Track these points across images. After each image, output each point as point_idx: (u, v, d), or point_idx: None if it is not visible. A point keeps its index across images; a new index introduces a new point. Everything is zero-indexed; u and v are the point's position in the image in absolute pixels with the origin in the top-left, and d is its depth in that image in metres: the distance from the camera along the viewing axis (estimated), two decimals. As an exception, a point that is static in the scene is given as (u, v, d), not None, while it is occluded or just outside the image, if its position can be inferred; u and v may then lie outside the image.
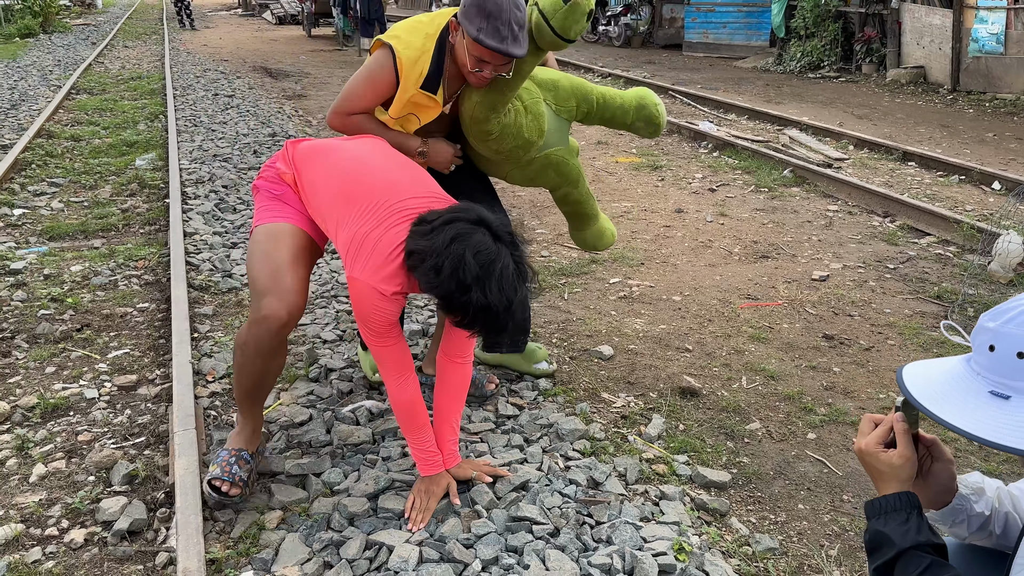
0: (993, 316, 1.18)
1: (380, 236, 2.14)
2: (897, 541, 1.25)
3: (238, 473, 2.38)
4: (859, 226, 5.31)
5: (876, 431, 1.34)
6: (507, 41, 2.40)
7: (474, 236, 1.96)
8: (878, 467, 1.32)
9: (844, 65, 13.31)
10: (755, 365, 3.38)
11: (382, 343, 2.21)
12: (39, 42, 17.37)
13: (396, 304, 2.15)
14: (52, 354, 3.44)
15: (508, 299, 1.95)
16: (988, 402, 1.16)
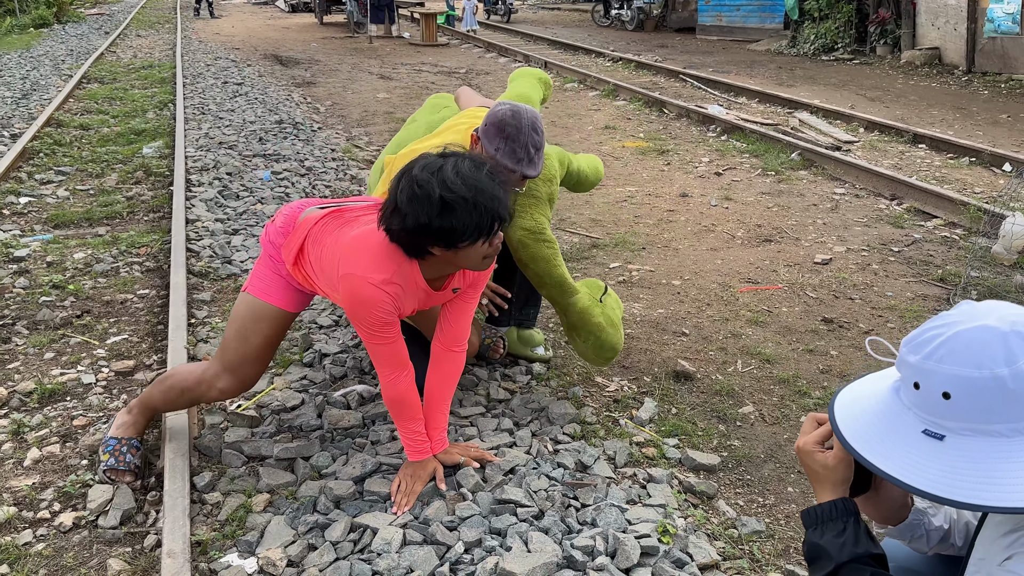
0: (913, 348, 1.09)
1: (359, 240, 2.14)
2: (834, 555, 1.19)
3: (132, 461, 2.50)
4: (865, 209, 5.25)
5: (817, 431, 1.29)
6: (523, 163, 2.54)
7: (416, 162, 2.00)
8: (814, 467, 1.26)
9: (858, 47, 13.14)
10: (751, 349, 3.35)
11: (377, 340, 2.18)
12: (53, 32, 17.47)
13: (391, 299, 2.10)
14: (52, 340, 3.47)
15: (474, 182, 1.95)
16: (922, 444, 1.08)
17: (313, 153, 6.62)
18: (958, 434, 1.05)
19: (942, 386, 1.04)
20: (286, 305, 2.42)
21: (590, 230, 4.85)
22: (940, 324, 1.08)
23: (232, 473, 2.48)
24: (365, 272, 2.07)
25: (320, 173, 6.01)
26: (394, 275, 2.09)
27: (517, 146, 2.52)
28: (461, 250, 2.02)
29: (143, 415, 2.58)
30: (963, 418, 1.04)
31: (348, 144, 7.05)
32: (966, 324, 1.06)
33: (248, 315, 2.41)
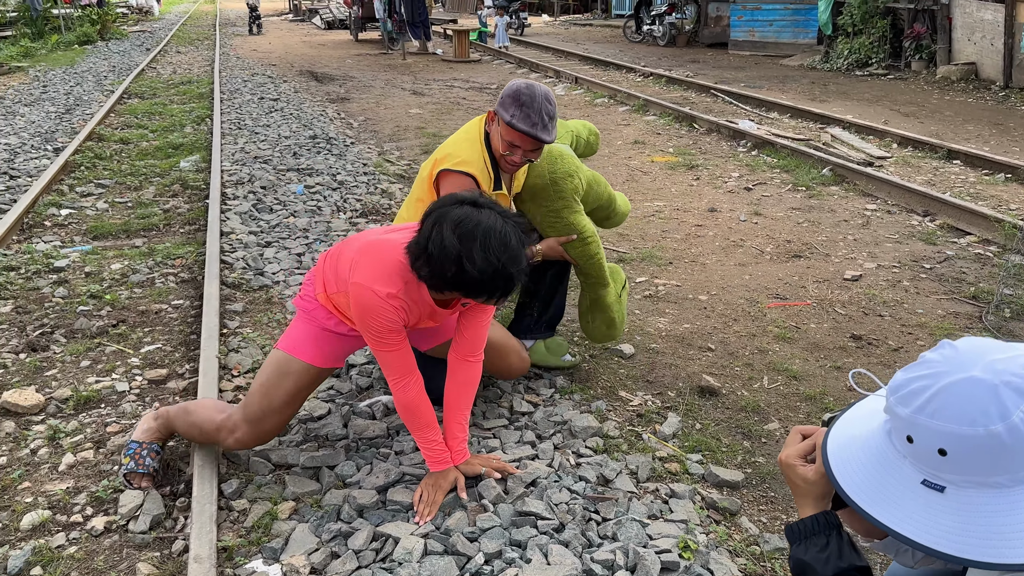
0: (901, 400, 1.06)
1: (376, 247, 2.22)
2: (819, 569, 1.19)
3: (151, 464, 2.57)
4: (897, 225, 5.20)
5: (800, 444, 1.28)
6: (537, 127, 2.69)
7: (452, 212, 2.04)
8: (796, 481, 1.26)
9: (893, 62, 13.02)
10: (778, 365, 3.34)
11: (383, 347, 2.25)
12: (96, 49, 17.93)
13: (393, 310, 2.18)
14: (88, 348, 3.56)
15: (496, 258, 2.02)
16: (923, 496, 1.05)
17: (345, 167, 6.71)
18: (958, 486, 1.03)
19: (937, 443, 1.01)
20: (313, 360, 2.46)
21: (617, 244, 4.86)
22: (925, 374, 1.04)
23: (259, 481, 2.53)
24: (373, 284, 2.16)
25: (351, 187, 6.10)
26: (400, 291, 2.18)
27: (531, 111, 2.69)
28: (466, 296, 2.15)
29: (166, 429, 2.65)
30: (962, 472, 1.02)
31: (380, 159, 7.14)
32: (953, 376, 1.02)
33: (274, 370, 2.46)
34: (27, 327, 3.74)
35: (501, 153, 2.80)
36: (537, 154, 2.81)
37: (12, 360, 3.45)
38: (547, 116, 2.73)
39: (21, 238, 5.04)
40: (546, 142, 2.75)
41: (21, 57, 15.95)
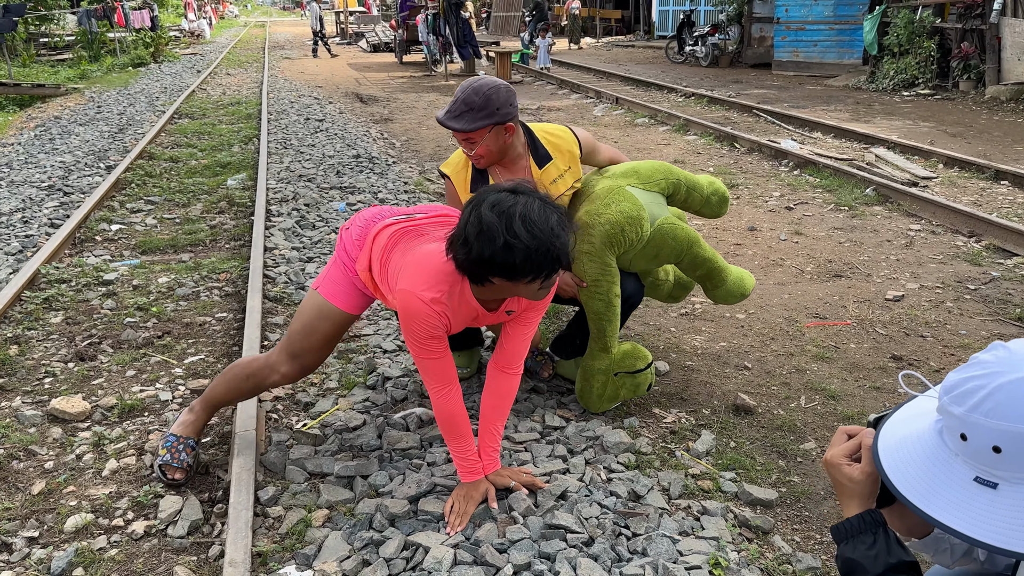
0: (955, 400, 1.08)
1: (421, 256, 2.25)
2: (869, 567, 1.20)
3: (185, 460, 2.67)
4: (941, 246, 5.11)
5: (845, 444, 1.30)
6: (448, 117, 2.77)
7: (489, 196, 2.04)
8: (841, 480, 1.28)
9: (940, 82, 12.82)
10: (816, 384, 3.29)
11: (425, 355, 2.27)
12: (149, 71, 18.49)
13: (437, 316, 2.19)
14: (133, 359, 3.66)
15: (538, 229, 1.98)
16: (976, 493, 1.07)
17: (387, 186, 6.82)
18: (1011, 483, 1.05)
19: (991, 440, 1.04)
20: (350, 309, 2.59)
21: (655, 263, 4.85)
22: (979, 374, 1.07)
23: (295, 488, 2.57)
24: (417, 289, 2.18)
25: (392, 205, 6.19)
26: (444, 295, 2.19)
27: (454, 103, 2.77)
28: (519, 283, 2.08)
29: (205, 412, 2.77)
30: (1016, 469, 1.04)
31: (420, 177, 7.24)
32: (1008, 376, 1.04)
33: (314, 312, 2.58)
34: (76, 337, 3.86)
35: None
36: (469, 144, 2.81)
37: (61, 369, 3.56)
38: (465, 104, 2.73)
39: (73, 252, 5.20)
40: (454, 129, 2.76)
41: (78, 79, 16.53)
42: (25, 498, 2.64)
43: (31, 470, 2.80)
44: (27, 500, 2.62)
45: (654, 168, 2.96)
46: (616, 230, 2.74)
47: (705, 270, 2.96)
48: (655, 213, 2.84)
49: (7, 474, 2.77)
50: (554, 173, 2.94)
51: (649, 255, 2.89)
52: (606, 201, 2.79)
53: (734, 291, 3.03)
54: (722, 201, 3.09)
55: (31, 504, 2.61)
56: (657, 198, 2.91)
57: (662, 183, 2.93)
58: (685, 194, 3.00)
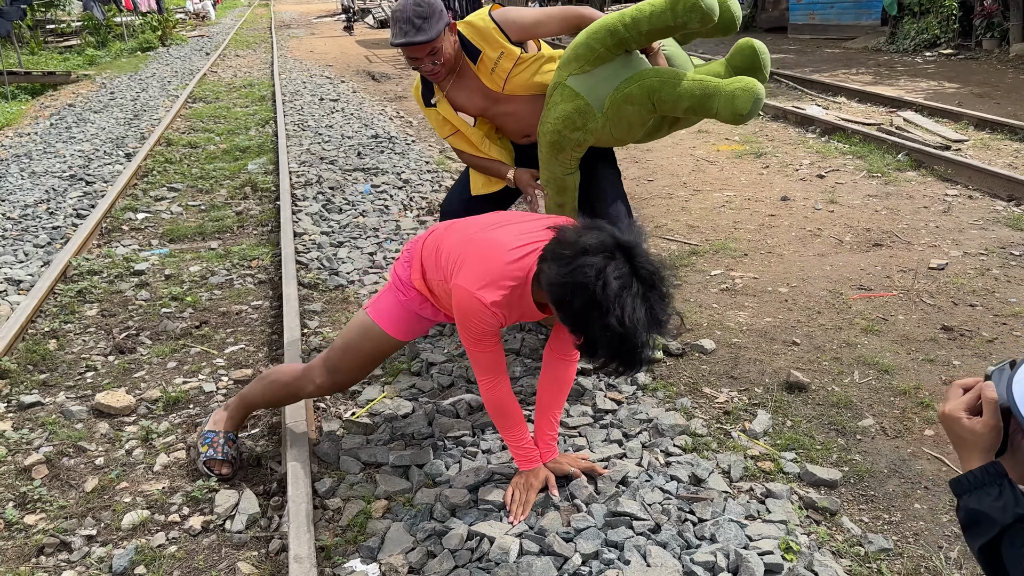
0: None
1: (483, 247, 2.18)
2: (997, 517, 1.19)
3: (229, 452, 2.66)
4: (981, 211, 5.01)
5: (964, 397, 1.28)
6: (409, 34, 2.75)
7: (627, 283, 1.85)
8: (961, 434, 1.26)
9: (963, 42, 12.56)
10: (868, 358, 3.23)
11: (478, 348, 2.23)
12: (158, 55, 18.37)
13: (494, 316, 2.14)
14: (173, 350, 3.64)
15: (647, 344, 1.87)
16: None
17: (409, 166, 6.75)
18: None
19: None
20: (395, 333, 2.51)
21: (688, 236, 4.78)
22: None
23: (351, 479, 2.55)
24: (478, 290, 2.11)
25: (416, 185, 6.12)
26: (504, 298, 2.13)
27: (402, 23, 2.75)
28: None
29: (240, 411, 2.74)
30: None
31: (441, 156, 7.16)
32: None
33: (358, 331, 2.54)
34: (113, 330, 3.84)
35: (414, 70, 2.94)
36: (432, 58, 2.82)
37: (102, 362, 3.54)
38: (417, 18, 2.74)
39: (101, 243, 5.18)
40: (421, 43, 2.75)
41: (87, 65, 16.44)
42: (80, 495, 2.63)
43: (82, 467, 2.79)
44: (82, 498, 2.61)
45: (585, 41, 2.80)
46: (557, 136, 2.90)
47: (688, 105, 2.73)
48: (601, 93, 2.81)
49: (59, 471, 2.76)
50: (489, 64, 2.98)
51: (622, 127, 2.89)
52: (547, 107, 2.94)
53: (727, 115, 2.66)
54: (692, 11, 2.59)
55: (86, 502, 2.59)
56: (604, 71, 2.81)
57: (599, 50, 2.77)
58: (639, 37, 2.72)
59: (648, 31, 2.71)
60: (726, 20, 2.79)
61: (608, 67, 2.82)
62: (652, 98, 2.77)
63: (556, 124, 2.89)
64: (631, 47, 2.81)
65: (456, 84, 3.04)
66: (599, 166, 3.18)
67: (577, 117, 2.84)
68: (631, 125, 2.89)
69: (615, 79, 2.81)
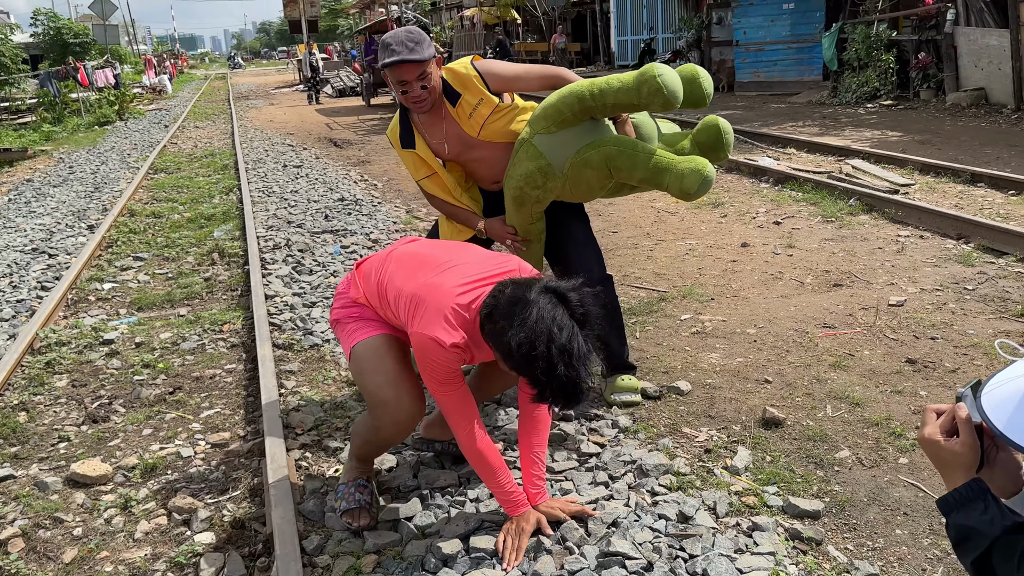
0: None
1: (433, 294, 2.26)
2: (986, 531, 1.25)
3: (363, 499, 2.57)
4: (932, 249, 5.21)
5: (939, 420, 1.35)
6: (403, 53, 2.82)
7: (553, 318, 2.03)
8: (941, 455, 1.33)
9: (902, 93, 13.16)
10: (838, 393, 3.32)
11: (445, 391, 2.28)
12: (116, 128, 18.38)
13: (457, 357, 2.22)
14: (148, 417, 3.59)
15: (578, 375, 2.03)
16: None
17: (377, 226, 6.82)
18: None
19: None
20: (390, 331, 2.51)
21: (656, 284, 4.89)
22: None
23: (338, 536, 2.53)
24: (437, 334, 2.18)
25: (385, 244, 6.18)
26: (461, 338, 2.21)
27: (394, 45, 2.83)
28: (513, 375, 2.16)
29: (361, 463, 2.68)
30: None
31: (408, 216, 7.25)
32: None
33: (367, 354, 2.46)
34: (85, 399, 3.79)
35: (401, 101, 3.00)
36: (428, 79, 2.90)
37: (75, 432, 3.49)
38: (410, 42, 2.84)
39: (68, 314, 5.12)
40: (416, 61, 2.83)
41: (44, 141, 16.38)
42: (58, 567, 2.57)
43: (60, 538, 2.73)
44: (61, 569, 2.56)
45: (555, 103, 2.92)
46: (519, 192, 3.04)
47: (642, 176, 2.88)
48: (562, 154, 2.95)
49: (36, 543, 2.69)
50: (467, 108, 3.05)
51: (581, 188, 3.03)
52: (513, 162, 3.06)
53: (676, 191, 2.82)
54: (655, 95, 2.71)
55: (66, 573, 2.54)
56: (568, 134, 2.94)
57: (567, 116, 2.90)
58: (604, 107, 2.85)
59: (613, 104, 2.85)
60: (696, 97, 2.95)
61: (573, 130, 2.95)
62: (609, 165, 2.91)
63: (519, 181, 3.02)
64: (596, 115, 2.94)
65: (432, 126, 3.11)
66: (569, 216, 3.28)
67: (539, 176, 2.98)
68: (590, 187, 3.03)
69: (577, 143, 2.94)
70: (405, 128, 3.16)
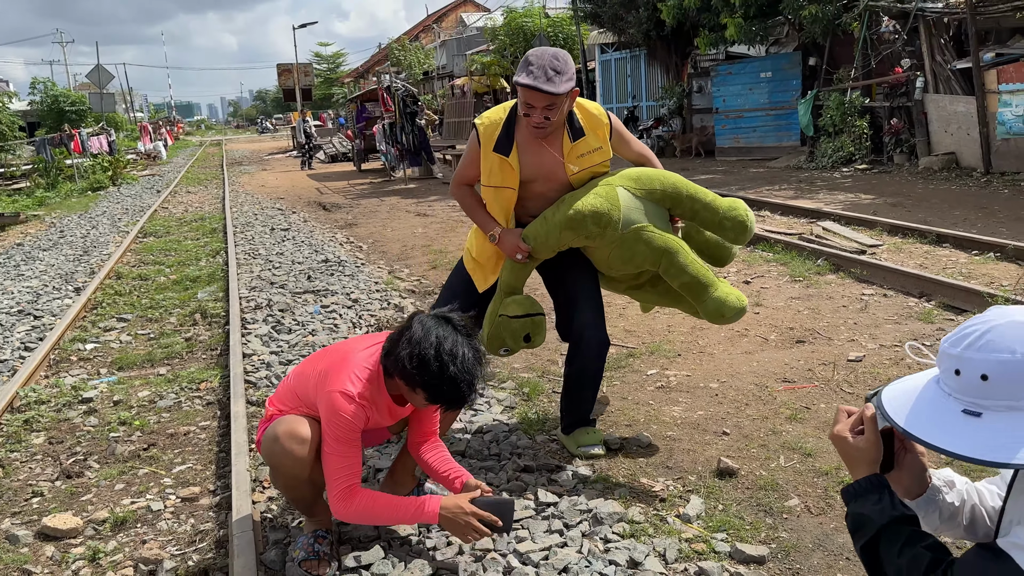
0: (953, 343, 1.31)
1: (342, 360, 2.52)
2: (875, 519, 1.38)
3: (321, 550, 2.64)
4: (895, 307, 5.37)
5: (848, 419, 1.50)
6: (539, 80, 2.82)
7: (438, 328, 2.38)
8: (849, 451, 1.47)
9: (876, 157, 13.53)
10: (792, 444, 3.43)
11: (339, 449, 2.43)
12: (109, 194, 18.66)
13: (361, 409, 2.41)
14: (121, 472, 3.66)
15: (466, 372, 2.35)
16: (963, 421, 1.28)
17: (358, 286, 6.96)
18: (993, 411, 1.26)
19: (981, 370, 1.25)
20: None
21: (625, 340, 5.02)
22: (977, 322, 1.30)
23: (298, 584, 2.59)
24: (343, 387, 2.41)
25: (366, 304, 6.31)
26: (365, 388, 2.43)
27: (534, 68, 2.83)
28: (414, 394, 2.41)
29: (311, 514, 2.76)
30: (999, 396, 1.25)
31: (390, 276, 7.40)
32: (999, 321, 1.28)
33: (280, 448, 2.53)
34: (61, 456, 3.86)
35: (523, 116, 2.97)
36: (555, 111, 2.90)
37: (48, 488, 3.55)
38: (552, 70, 2.82)
39: (49, 373, 5.21)
40: (550, 93, 2.81)
41: (36, 206, 16.61)
42: (23, 617, 2.62)
43: (27, 589, 2.78)
44: (26, 619, 2.60)
45: (655, 176, 3.16)
46: (579, 217, 3.04)
47: (686, 281, 3.09)
48: (633, 218, 3.07)
49: (3, 595, 2.74)
50: (584, 148, 3.09)
51: (624, 256, 3.13)
52: (588, 192, 3.08)
53: (711, 310, 3.10)
54: (738, 227, 3.14)
55: (30, 622, 2.58)
56: (647, 206, 3.11)
57: (657, 192, 3.12)
58: (689, 208, 3.15)
59: (695, 210, 3.14)
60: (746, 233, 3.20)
61: (650, 205, 3.14)
62: (664, 256, 3.09)
63: (587, 209, 3.04)
64: (674, 210, 3.18)
65: (534, 145, 3.08)
66: (582, 273, 3.30)
67: (605, 219, 3.06)
68: (631, 260, 3.14)
69: (649, 219, 3.12)
70: (507, 133, 3.07)
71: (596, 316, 3.28)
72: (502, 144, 3.06)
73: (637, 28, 18.07)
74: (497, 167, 3.09)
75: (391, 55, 39.68)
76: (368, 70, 52.40)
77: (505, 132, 3.06)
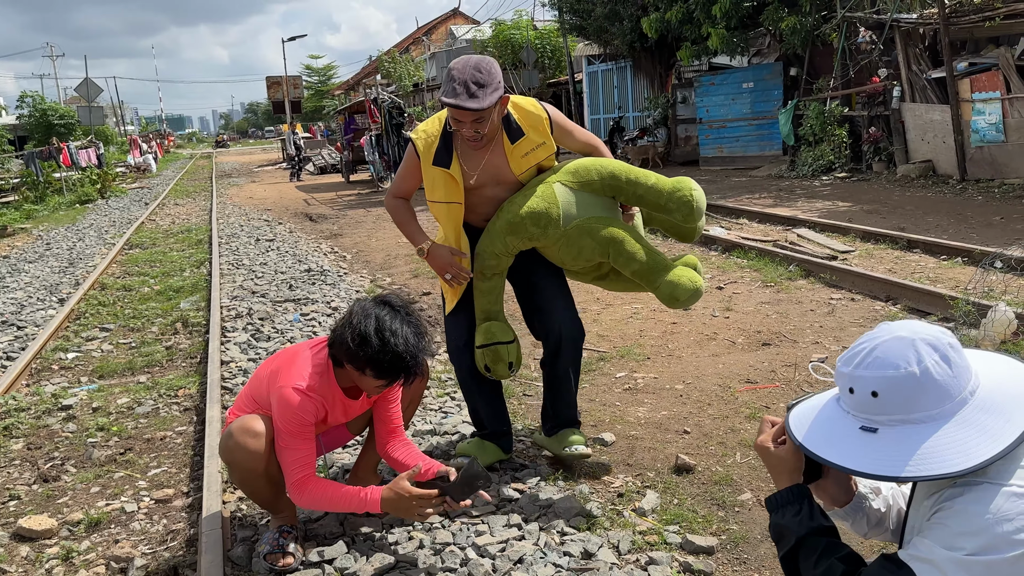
0: (845, 361, 1.37)
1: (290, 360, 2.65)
2: (795, 530, 1.44)
3: (284, 543, 2.74)
4: (861, 311, 5.49)
5: (772, 430, 1.56)
6: (461, 97, 2.77)
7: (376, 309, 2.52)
8: (771, 461, 1.53)
9: (855, 165, 13.70)
10: (749, 441, 3.53)
11: (293, 443, 2.55)
12: (97, 206, 18.71)
13: (311, 402, 2.53)
14: (97, 476, 3.74)
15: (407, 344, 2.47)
16: (860, 438, 1.34)
17: (339, 295, 7.05)
18: (888, 426, 1.32)
19: (871, 387, 1.32)
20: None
21: (598, 345, 5.12)
22: (865, 341, 1.37)
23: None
24: (293, 382, 2.53)
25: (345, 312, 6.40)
26: (315, 382, 2.55)
27: (456, 84, 2.77)
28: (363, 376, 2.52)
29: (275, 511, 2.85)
30: (891, 411, 1.31)
31: (371, 285, 7.50)
32: (884, 337, 1.34)
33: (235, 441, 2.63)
34: (38, 461, 3.93)
35: (453, 130, 2.94)
36: (484, 124, 2.84)
37: (25, 491, 3.63)
38: (474, 84, 2.74)
39: (31, 382, 5.28)
40: (471, 110, 2.75)
41: (24, 219, 16.65)
42: (-4, 614, 2.69)
43: (0, 588, 2.85)
44: (-2, 615, 2.68)
45: (592, 167, 3.10)
46: (516, 220, 3.06)
47: (635, 268, 3.09)
48: (574, 213, 3.06)
49: (-24, 593, 2.82)
50: (526, 147, 3.04)
51: (572, 252, 3.12)
52: (525, 194, 3.08)
53: (664, 294, 3.10)
54: (683, 207, 3.04)
55: (3, 618, 2.66)
56: (587, 198, 3.09)
57: (595, 183, 3.07)
58: (632, 194, 3.08)
59: (639, 195, 3.10)
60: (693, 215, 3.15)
61: (591, 197, 3.11)
62: (610, 246, 3.09)
63: (524, 211, 3.03)
64: (618, 197, 3.15)
65: (473, 151, 3.03)
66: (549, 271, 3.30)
67: (543, 218, 3.05)
68: (580, 255, 3.14)
69: (589, 211, 3.10)
70: (445, 145, 3.02)
71: (568, 311, 3.28)
72: (441, 156, 3.01)
73: (622, 40, 18.27)
74: (440, 181, 3.04)
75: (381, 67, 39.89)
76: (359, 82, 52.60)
77: (443, 144, 3.01)
